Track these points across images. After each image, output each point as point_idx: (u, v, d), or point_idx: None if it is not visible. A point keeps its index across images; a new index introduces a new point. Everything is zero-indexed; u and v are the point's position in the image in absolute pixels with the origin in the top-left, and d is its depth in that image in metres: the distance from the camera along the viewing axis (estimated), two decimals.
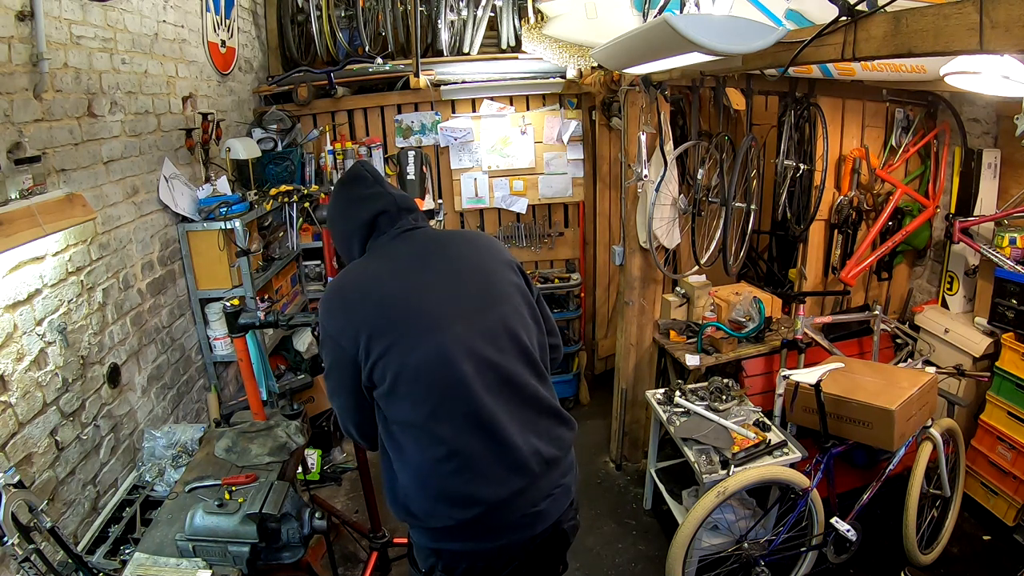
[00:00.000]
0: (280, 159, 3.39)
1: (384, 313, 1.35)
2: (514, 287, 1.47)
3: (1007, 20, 1.11)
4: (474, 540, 1.37)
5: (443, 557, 1.41)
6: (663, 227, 3.03)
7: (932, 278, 3.54)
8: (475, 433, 1.32)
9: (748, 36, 1.68)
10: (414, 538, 1.47)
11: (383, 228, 1.48)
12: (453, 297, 1.38)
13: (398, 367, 1.31)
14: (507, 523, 1.36)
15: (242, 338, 2.19)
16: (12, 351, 1.71)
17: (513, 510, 1.35)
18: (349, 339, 1.34)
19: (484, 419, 1.32)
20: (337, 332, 1.37)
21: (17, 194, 1.75)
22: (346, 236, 1.54)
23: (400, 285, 1.39)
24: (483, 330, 1.37)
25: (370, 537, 2.67)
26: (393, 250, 1.46)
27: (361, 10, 3.78)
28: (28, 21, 1.79)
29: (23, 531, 1.48)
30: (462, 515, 1.33)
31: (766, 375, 3.07)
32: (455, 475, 1.32)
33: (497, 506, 1.33)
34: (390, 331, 1.33)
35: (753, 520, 2.48)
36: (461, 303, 1.38)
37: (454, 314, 1.36)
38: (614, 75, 3.14)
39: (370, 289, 1.39)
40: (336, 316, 1.39)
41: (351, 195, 1.52)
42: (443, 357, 1.31)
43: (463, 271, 1.44)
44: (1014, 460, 2.69)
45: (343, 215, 1.53)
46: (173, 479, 2.14)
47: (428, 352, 1.31)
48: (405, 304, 1.36)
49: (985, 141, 3.18)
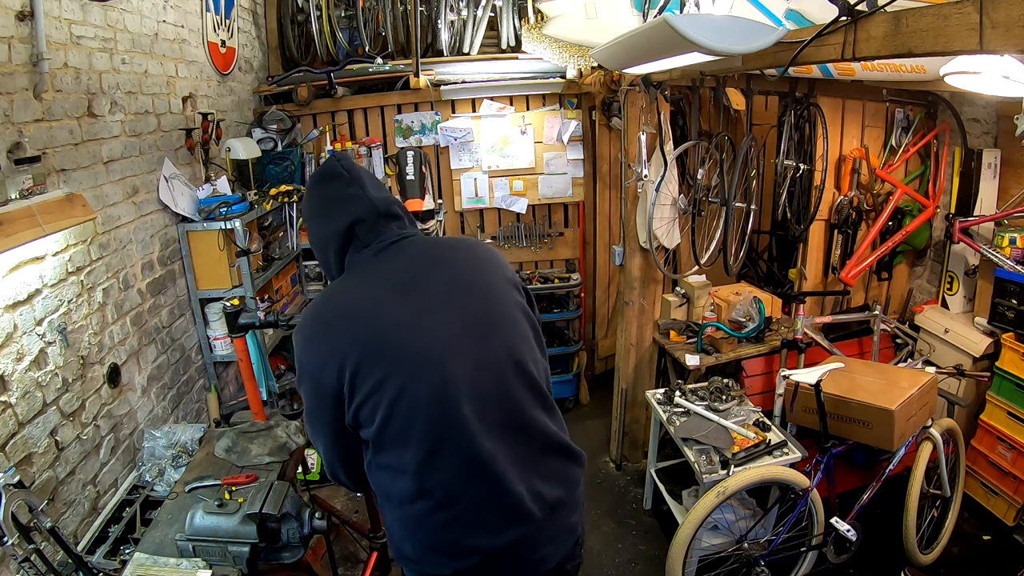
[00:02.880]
0: (280, 159, 3.39)
1: (372, 343, 1.17)
2: (518, 308, 1.31)
3: (1007, 20, 1.11)
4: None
5: None
6: (663, 227, 3.02)
7: (932, 278, 3.54)
8: (472, 480, 1.18)
9: (748, 36, 1.68)
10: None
11: (363, 239, 1.29)
12: (452, 323, 1.21)
13: (389, 407, 1.16)
14: (505, 572, 1.25)
15: (242, 338, 2.19)
16: (12, 351, 1.71)
17: (512, 559, 1.23)
18: (331, 374, 1.18)
19: (482, 465, 1.17)
20: (317, 366, 1.20)
21: (17, 194, 1.75)
22: (321, 243, 1.35)
23: (390, 310, 1.20)
24: (486, 362, 1.22)
25: (370, 537, 2.67)
26: (378, 267, 1.27)
27: (361, 10, 3.78)
28: (28, 21, 1.79)
29: (23, 531, 1.48)
30: (457, 565, 1.22)
31: (766, 375, 3.07)
32: (448, 526, 1.20)
33: (495, 556, 1.21)
34: (380, 365, 1.16)
35: (753, 520, 2.48)
36: (460, 330, 1.21)
37: (453, 345, 1.20)
38: (614, 75, 3.14)
39: (354, 314, 1.21)
40: (315, 347, 1.21)
41: (324, 195, 1.32)
42: (442, 397, 1.17)
43: (461, 292, 1.26)
44: (1014, 460, 2.69)
45: (316, 218, 1.34)
46: (173, 479, 2.14)
47: (425, 391, 1.16)
48: (397, 333, 1.18)
49: (985, 141, 3.18)
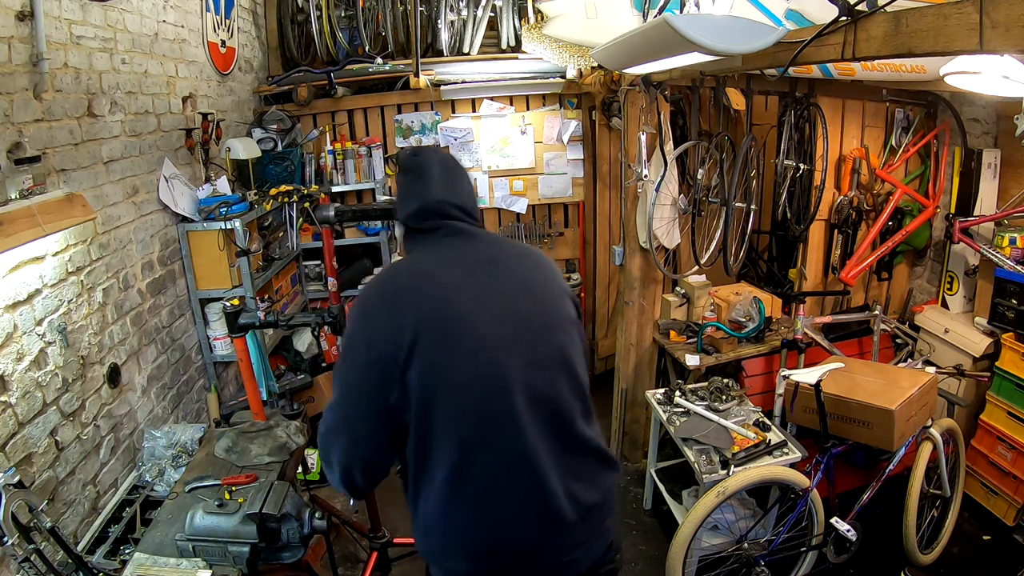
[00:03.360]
0: (280, 159, 3.39)
1: (436, 318, 1.16)
2: (570, 317, 1.33)
3: (1007, 20, 1.11)
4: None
5: None
6: (663, 227, 3.02)
7: (932, 278, 3.54)
8: (513, 474, 1.18)
9: (748, 36, 1.68)
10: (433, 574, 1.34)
11: (422, 227, 1.32)
12: (513, 315, 1.22)
13: (442, 384, 1.14)
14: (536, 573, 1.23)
15: (242, 338, 2.19)
16: (12, 351, 1.71)
17: (539, 562, 1.22)
18: (389, 339, 1.14)
19: (526, 459, 1.17)
20: (375, 330, 1.17)
21: (17, 194, 1.75)
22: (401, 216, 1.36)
23: (458, 289, 1.20)
24: (540, 358, 1.22)
25: (370, 537, 2.67)
26: (448, 249, 1.29)
27: (361, 10, 3.78)
28: (28, 21, 1.79)
29: (23, 531, 1.48)
30: (482, 564, 1.21)
31: (766, 375, 3.07)
32: (481, 519, 1.19)
33: (521, 557, 1.21)
34: (440, 340, 1.15)
35: (753, 520, 2.48)
36: (518, 325, 1.22)
37: (514, 336, 1.20)
38: (614, 75, 3.14)
39: (422, 286, 1.21)
40: (377, 311, 1.20)
41: (399, 184, 1.37)
42: (498, 385, 1.16)
43: (520, 290, 1.27)
44: (1014, 460, 2.69)
45: (401, 196, 1.36)
46: (173, 479, 2.14)
47: (481, 375, 1.16)
48: (461, 313, 1.18)
49: (985, 141, 3.18)
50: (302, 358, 3.61)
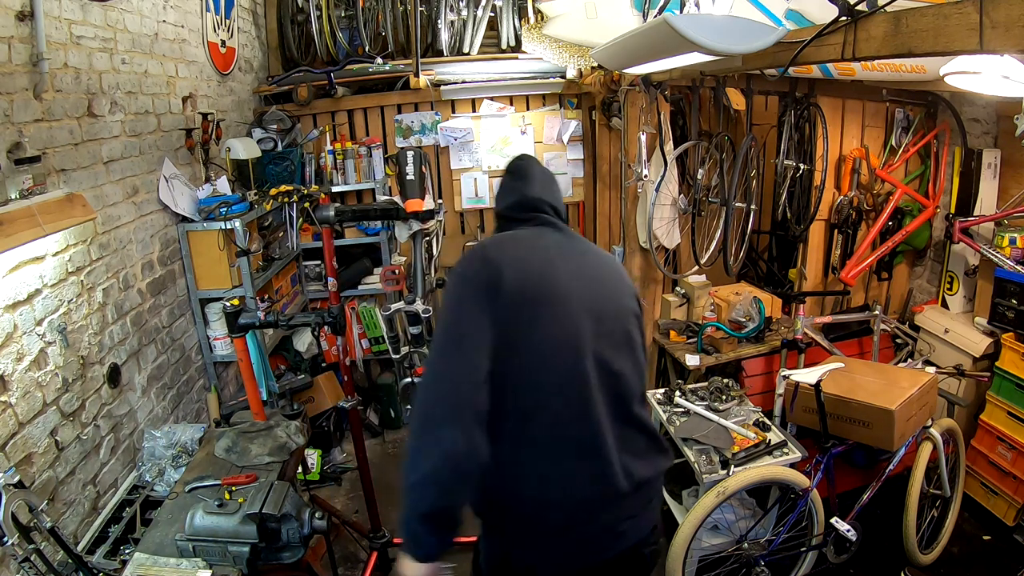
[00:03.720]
0: (280, 159, 3.39)
1: (526, 272, 1.29)
2: (635, 312, 1.45)
3: (1007, 20, 1.11)
4: (550, 551, 1.29)
5: (516, 570, 1.33)
6: (663, 227, 3.03)
7: (932, 278, 3.54)
8: (577, 430, 1.26)
9: (748, 36, 1.68)
10: (485, 546, 1.39)
11: (519, 217, 1.48)
12: (590, 293, 1.35)
13: (527, 332, 1.24)
14: (586, 536, 1.29)
15: (242, 338, 2.19)
16: (12, 351, 1.71)
17: (594, 522, 1.28)
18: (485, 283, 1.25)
19: (589, 420, 1.26)
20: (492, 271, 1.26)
21: (17, 194, 1.75)
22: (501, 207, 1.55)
23: (545, 258, 1.35)
24: (610, 335, 1.33)
25: (370, 537, 2.67)
26: (543, 233, 1.44)
27: (361, 10, 3.78)
28: (28, 21, 1.79)
29: (23, 531, 1.48)
30: (540, 511, 1.26)
31: (766, 375, 3.07)
32: (544, 466, 1.26)
33: (575, 512, 1.27)
34: (529, 292, 1.27)
35: (753, 520, 2.48)
36: (596, 303, 1.34)
37: (589, 311, 1.32)
38: (614, 75, 3.14)
39: (516, 247, 1.37)
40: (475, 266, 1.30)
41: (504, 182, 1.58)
42: (575, 345, 1.27)
43: (599, 277, 1.41)
44: (1014, 460, 2.69)
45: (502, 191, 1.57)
46: (173, 479, 2.14)
47: (563, 332, 1.27)
48: (546, 274, 1.31)
49: (985, 141, 3.18)
50: (302, 358, 3.61)
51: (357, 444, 2.56)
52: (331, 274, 2.47)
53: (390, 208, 2.44)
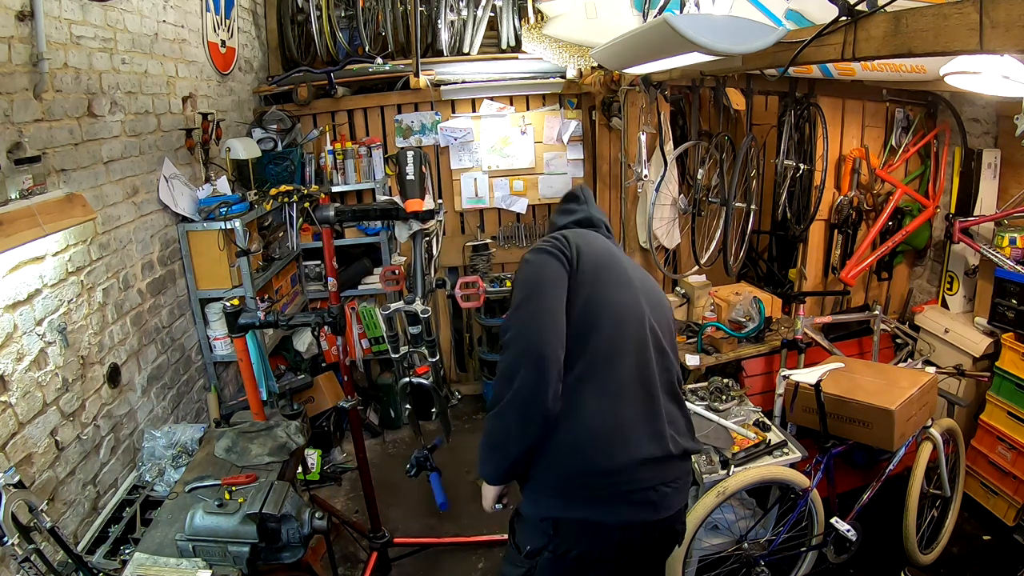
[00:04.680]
0: (280, 159, 3.39)
1: (602, 256, 1.51)
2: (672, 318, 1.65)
3: (1007, 20, 1.11)
4: (598, 505, 1.37)
5: (558, 533, 1.38)
6: (663, 227, 3.03)
7: (932, 278, 3.54)
8: (638, 389, 1.42)
9: (748, 36, 1.68)
10: (526, 512, 1.44)
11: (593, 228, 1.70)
12: (645, 288, 1.56)
13: (613, 299, 1.45)
14: (633, 495, 1.38)
15: (242, 338, 2.19)
16: (12, 351, 1.71)
17: (642, 480, 1.38)
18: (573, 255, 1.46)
19: (650, 382, 1.43)
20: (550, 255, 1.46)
21: (17, 194, 1.75)
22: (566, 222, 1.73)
23: (614, 252, 1.58)
24: (660, 321, 1.53)
25: (370, 537, 2.67)
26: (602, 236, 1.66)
27: (361, 10, 3.78)
28: (28, 21, 1.79)
29: (23, 531, 1.48)
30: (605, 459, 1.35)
31: (766, 375, 3.07)
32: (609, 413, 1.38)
33: (634, 462, 1.37)
34: (604, 272, 1.48)
35: (753, 520, 2.48)
36: (650, 296, 1.55)
37: (647, 299, 1.52)
38: (614, 75, 3.14)
39: (596, 238, 1.58)
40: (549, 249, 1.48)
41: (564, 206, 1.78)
42: (640, 315, 1.47)
43: (647, 278, 1.63)
44: (1014, 460, 2.69)
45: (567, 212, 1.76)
46: (173, 479, 2.14)
47: (631, 304, 1.47)
48: (620, 261, 1.54)
49: (985, 141, 3.18)
50: (302, 358, 3.61)
51: (357, 444, 2.56)
52: (331, 274, 2.47)
53: (390, 208, 2.44)
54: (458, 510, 3.11)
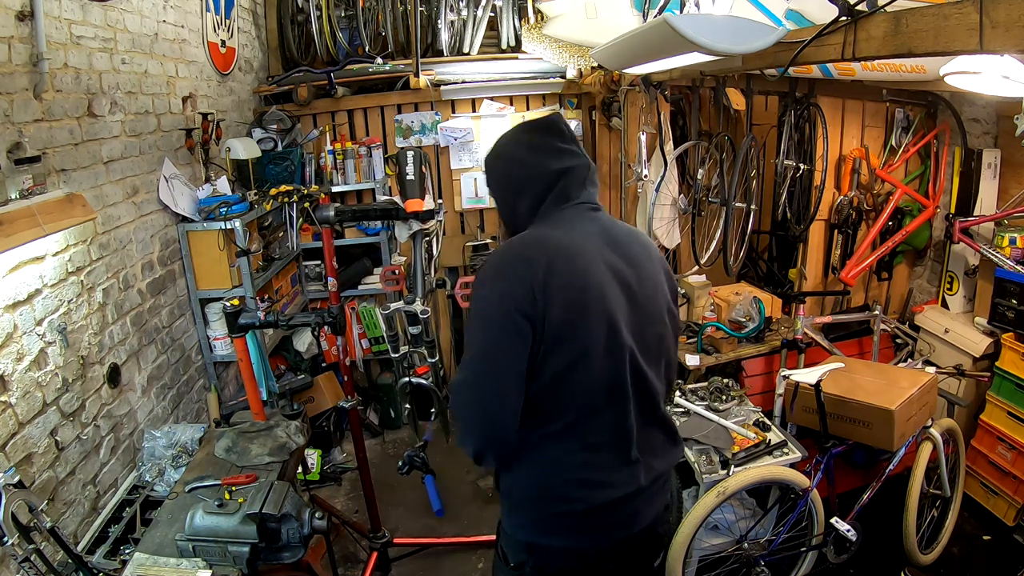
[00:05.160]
0: (280, 159, 3.39)
1: (574, 286, 1.23)
2: (668, 307, 1.43)
3: (1007, 20, 1.11)
4: (573, 536, 1.35)
5: (536, 554, 1.36)
6: (663, 227, 3.03)
7: (932, 278, 3.54)
8: (615, 440, 1.31)
9: (748, 36, 1.68)
10: (507, 530, 1.42)
11: (568, 194, 1.35)
12: (629, 302, 1.31)
13: (579, 350, 1.23)
14: (606, 522, 1.35)
15: (242, 338, 2.19)
16: (12, 351, 1.71)
17: (617, 512, 1.35)
18: (528, 300, 1.20)
19: (627, 433, 1.31)
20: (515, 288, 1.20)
21: (17, 194, 1.75)
22: (517, 186, 1.37)
23: (589, 266, 1.27)
24: (644, 344, 1.33)
25: (370, 537, 2.67)
26: (580, 227, 1.32)
27: (361, 10, 3.78)
28: (28, 21, 1.79)
29: (23, 531, 1.48)
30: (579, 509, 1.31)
31: (766, 375, 3.07)
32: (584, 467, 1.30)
33: (609, 505, 1.32)
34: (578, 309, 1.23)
35: (753, 520, 2.48)
36: (634, 312, 1.31)
37: (628, 321, 1.30)
38: (614, 75, 3.14)
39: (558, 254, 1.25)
40: (516, 271, 1.22)
41: (538, 141, 1.36)
42: (618, 358, 1.27)
43: (639, 277, 1.35)
44: (1014, 460, 2.69)
45: (519, 159, 1.36)
46: (173, 479, 2.14)
47: (606, 347, 1.25)
48: (591, 289, 1.25)
49: (985, 141, 3.18)
50: (302, 358, 3.61)
51: (357, 444, 2.56)
52: (331, 274, 2.47)
53: (390, 208, 2.44)
54: (458, 510, 3.11)
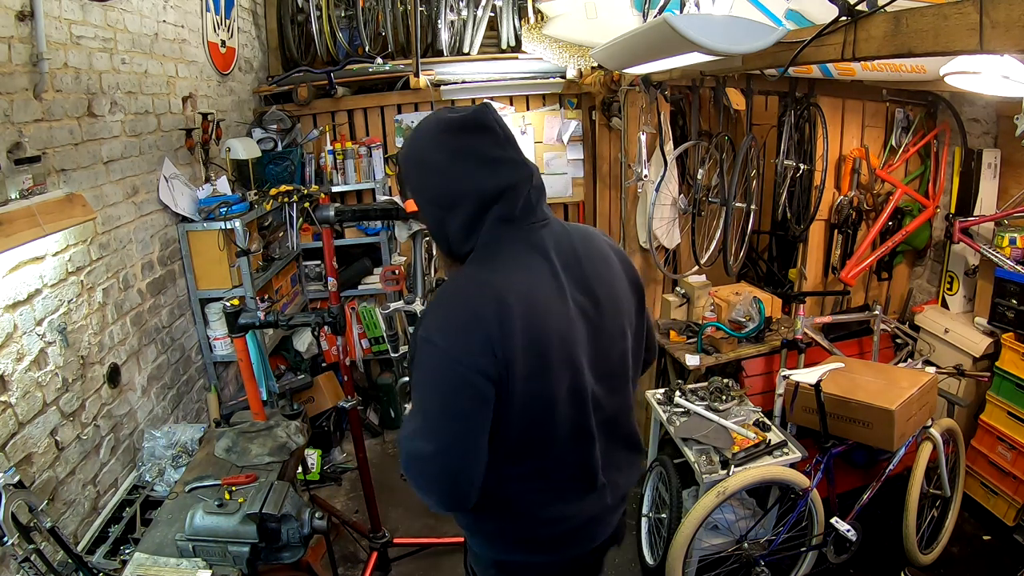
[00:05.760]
0: (280, 159, 3.39)
1: (533, 336, 1.09)
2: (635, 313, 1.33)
3: (1007, 20, 1.11)
4: (541, 553, 1.32)
5: (505, 570, 1.35)
6: (663, 227, 3.03)
7: (932, 278, 3.54)
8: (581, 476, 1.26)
9: (748, 36, 1.68)
10: (474, 548, 1.39)
11: (511, 215, 1.12)
12: (590, 333, 1.18)
13: (542, 403, 1.13)
14: (573, 541, 1.33)
15: (242, 338, 2.19)
16: (12, 351, 1.71)
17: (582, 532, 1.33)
18: (487, 361, 1.05)
19: (592, 468, 1.25)
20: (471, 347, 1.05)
21: (17, 194, 1.75)
22: (445, 202, 1.13)
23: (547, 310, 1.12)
24: (607, 372, 1.24)
25: (370, 537, 2.67)
26: (529, 259, 1.14)
27: (361, 10, 3.78)
28: (28, 21, 1.79)
29: (23, 531, 1.48)
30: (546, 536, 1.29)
31: (766, 375, 3.07)
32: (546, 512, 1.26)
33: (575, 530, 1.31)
34: (539, 360, 1.10)
35: (753, 520, 2.48)
36: (597, 342, 1.20)
37: (590, 356, 1.19)
38: (614, 75, 3.14)
39: (513, 302, 1.07)
40: (468, 327, 1.06)
41: (465, 146, 1.11)
42: (580, 401, 1.18)
43: (599, 297, 1.20)
44: (1014, 460, 2.69)
45: (444, 170, 1.11)
46: (173, 479, 2.14)
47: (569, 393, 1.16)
48: (551, 336, 1.11)
49: (985, 141, 3.18)
50: (302, 358, 3.61)
51: (357, 444, 2.56)
52: (331, 274, 2.47)
53: (390, 208, 2.44)
54: None
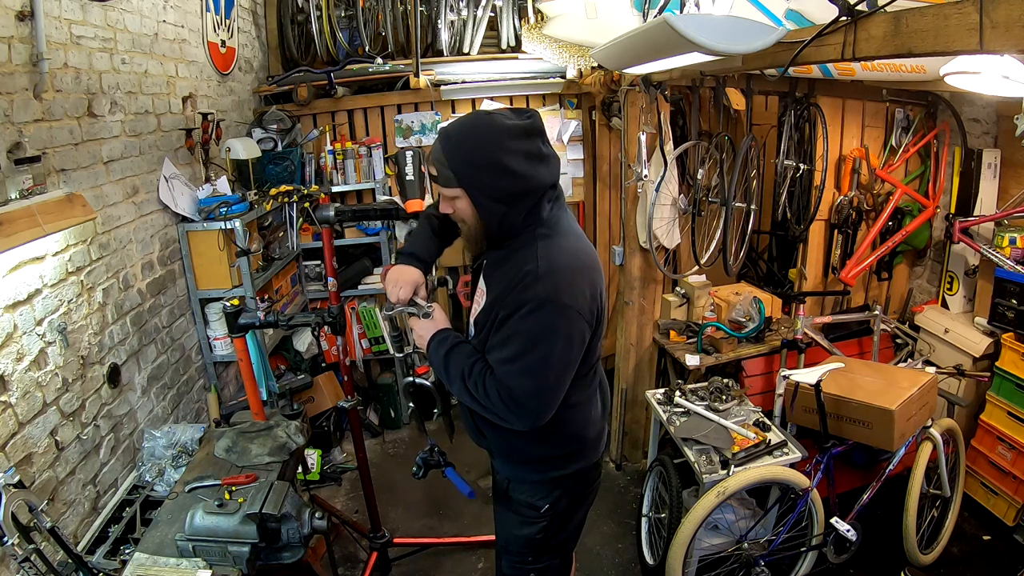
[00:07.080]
0: (280, 159, 3.39)
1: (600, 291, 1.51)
2: None
3: (1007, 20, 1.11)
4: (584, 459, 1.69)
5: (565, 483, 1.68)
6: (663, 227, 3.03)
7: (932, 278, 3.54)
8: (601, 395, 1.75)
9: (748, 36, 1.68)
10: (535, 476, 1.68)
11: (559, 196, 1.52)
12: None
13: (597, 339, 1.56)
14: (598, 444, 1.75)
15: (242, 338, 2.19)
16: (12, 351, 1.71)
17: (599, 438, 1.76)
18: (589, 322, 1.45)
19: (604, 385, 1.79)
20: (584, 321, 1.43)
21: (17, 194, 1.75)
22: (512, 199, 1.38)
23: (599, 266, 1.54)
24: None
25: (370, 537, 2.67)
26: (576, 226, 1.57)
27: (361, 10, 3.78)
28: (28, 21, 1.79)
29: (23, 531, 1.48)
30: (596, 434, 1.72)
31: (766, 375, 3.07)
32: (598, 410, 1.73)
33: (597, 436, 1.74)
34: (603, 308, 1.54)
35: (753, 520, 2.48)
36: None
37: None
38: (614, 75, 3.14)
39: (592, 263, 1.50)
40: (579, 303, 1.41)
41: (533, 150, 1.36)
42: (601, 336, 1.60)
43: None
44: (1014, 460, 2.69)
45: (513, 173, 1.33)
46: (173, 479, 2.14)
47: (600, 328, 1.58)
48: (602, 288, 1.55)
49: (985, 141, 3.18)
50: (302, 358, 3.61)
51: (357, 444, 2.56)
52: (331, 274, 2.47)
53: (390, 208, 2.44)
54: (458, 510, 3.11)
